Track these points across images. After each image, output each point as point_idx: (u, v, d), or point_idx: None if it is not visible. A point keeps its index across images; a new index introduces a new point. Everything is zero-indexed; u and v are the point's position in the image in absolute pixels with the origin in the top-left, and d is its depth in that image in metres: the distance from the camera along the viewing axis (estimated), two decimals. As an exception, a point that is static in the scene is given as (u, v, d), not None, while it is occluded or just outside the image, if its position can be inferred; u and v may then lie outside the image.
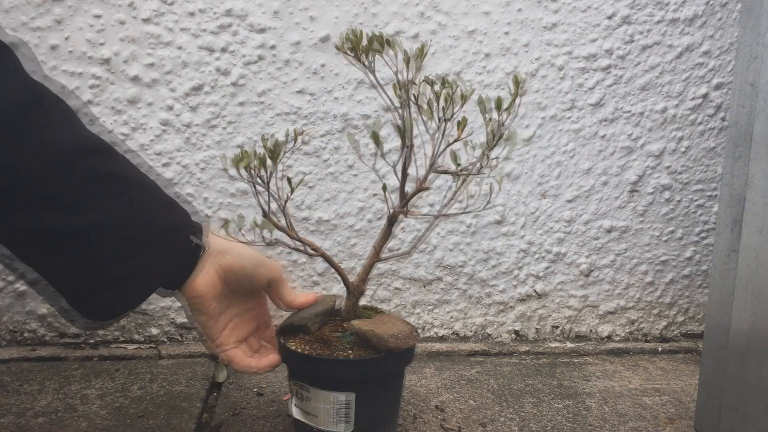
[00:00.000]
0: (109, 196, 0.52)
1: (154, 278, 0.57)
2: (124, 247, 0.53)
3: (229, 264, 0.63)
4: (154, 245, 0.56)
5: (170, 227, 0.58)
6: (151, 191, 0.58)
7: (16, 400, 0.77)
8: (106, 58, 0.87)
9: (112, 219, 0.52)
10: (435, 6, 0.92)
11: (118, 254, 0.53)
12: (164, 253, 0.57)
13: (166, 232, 0.57)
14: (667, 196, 1.02)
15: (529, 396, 0.84)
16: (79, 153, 0.51)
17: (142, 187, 0.56)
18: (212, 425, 0.74)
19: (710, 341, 0.71)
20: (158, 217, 0.57)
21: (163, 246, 0.57)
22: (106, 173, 0.53)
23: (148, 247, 0.55)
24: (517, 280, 1.01)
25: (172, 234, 0.58)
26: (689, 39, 0.97)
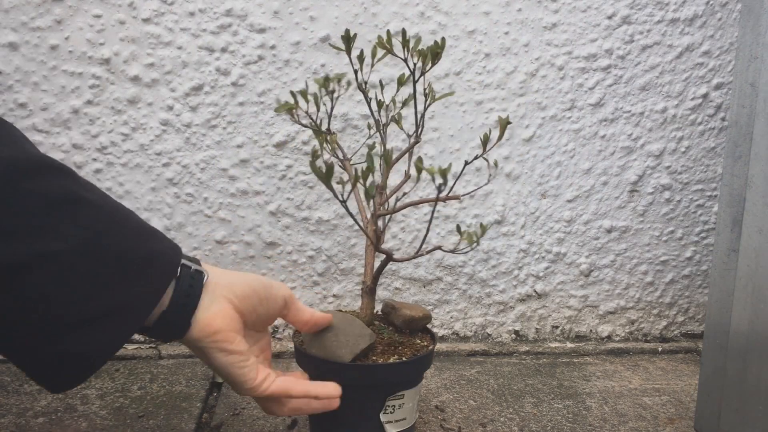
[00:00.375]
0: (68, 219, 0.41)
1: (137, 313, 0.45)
2: (93, 280, 0.42)
3: (241, 292, 0.52)
4: (134, 274, 0.44)
5: (152, 253, 0.46)
6: (123, 215, 0.46)
7: (16, 400, 0.77)
8: (106, 58, 0.87)
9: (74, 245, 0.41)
10: (435, 6, 0.92)
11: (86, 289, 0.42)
12: (148, 282, 0.45)
13: (146, 259, 0.45)
14: (667, 196, 1.02)
15: (529, 396, 0.84)
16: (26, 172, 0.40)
17: (113, 212, 0.45)
18: (212, 425, 0.74)
19: (710, 341, 0.71)
20: (134, 242, 0.45)
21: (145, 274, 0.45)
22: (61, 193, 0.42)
23: (126, 277, 0.43)
24: (517, 280, 1.01)
25: (156, 260, 0.46)
26: (689, 39, 0.97)
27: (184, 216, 0.93)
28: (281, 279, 0.96)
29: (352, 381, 0.63)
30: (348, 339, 0.63)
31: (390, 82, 0.91)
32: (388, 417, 0.65)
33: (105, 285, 0.42)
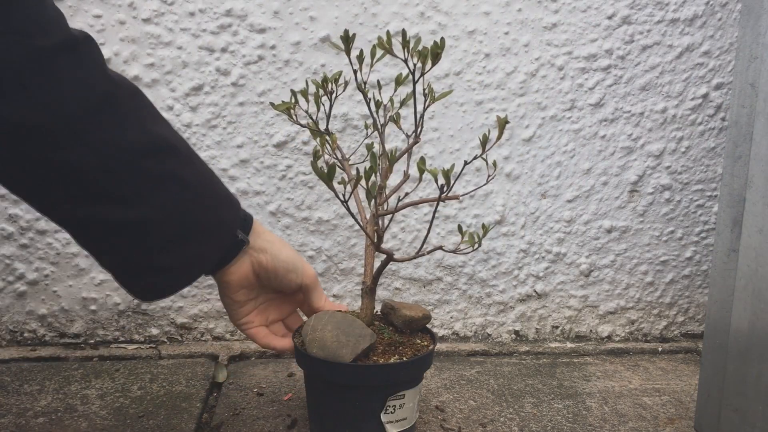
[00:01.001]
0: (164, 193, 0.56)
1: (198, 267, 0.61)
2: (173, 240, 0.57)
3: (264, 263, 0.66)
4: (201, 239, 0.60)
5: (218, 223, 0.61)
6: (207, 189, 0.61)
7: (16, 400, 0.77)
8: (106, 58, 0.87)
9: (165, 214, 0.56)
10: (435, 6, 0.92)
11: (167, 245, 0.57)
12: (209, 246, 0.61)
13: (213, 227, 0.61)
14: (667, 196, 1.02)
15: (529, 396, 0.84)
16: (142, 152, 0.54)
17: (200, 186, 0.59)
18: (212, 425, 0.74)
19: (710, 341, 0.71)
20: (208, 213, 0.60)
21: (208, 240, 0.61)
22: (164, 172, 0.56)
23: (195, 241, 0.59)
24: (517, 280, 1.01)
25: (219, 229, 0.62)
26: (689, 39, 0.97)
27: (184, 216, 0.92)
28: (281, 279, 0.96)
29: (353, 381, 0.63)
30: (349, 339, 0.63)
31: (389, 82, 0.91)
32: (389, 417, 0.65)
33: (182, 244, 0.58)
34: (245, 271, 0.66)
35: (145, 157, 0.54)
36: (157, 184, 0.55)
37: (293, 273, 0.67)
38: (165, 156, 0.56)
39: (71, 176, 0.52)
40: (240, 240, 0.64)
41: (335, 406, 0.66)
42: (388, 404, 0.65)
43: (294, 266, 0.67)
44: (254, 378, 0.86)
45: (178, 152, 0.58)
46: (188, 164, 0.59)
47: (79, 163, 0.51)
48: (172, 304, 0.95)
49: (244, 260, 0.65)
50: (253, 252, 0.66)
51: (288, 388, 0.83)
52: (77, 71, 0.50)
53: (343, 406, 0.65)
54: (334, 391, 0.65)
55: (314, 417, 0.69)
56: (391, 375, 0.64)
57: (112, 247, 0.56)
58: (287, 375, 0.87)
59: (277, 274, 0.67)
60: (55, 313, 0.93)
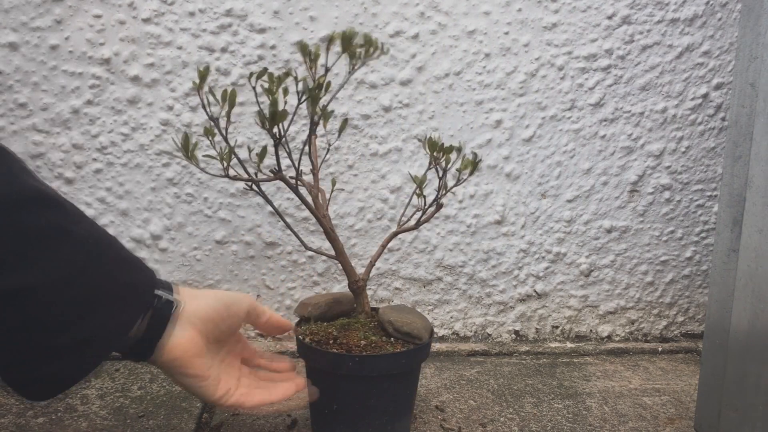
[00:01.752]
0: (51, 252, 0.45)
1: (107, 344, 0.49)
2: (69, 310, 0.46)
3: (204, 314, 0.56)
4: (108, 306, 0.48)
5: (128, 285, 0.50)
6: (108, 248, 0.50)
7: (16, 400, 0.77)
8: (106, 58, 0.87)
9: (55, 278, 0.45)
10: (435, 6, 0.92)
11: (62, 318, 0.45)
12: (121, 313, 0.49)
13: (122, 291, 0.49)
14: (667, 196, 1.02)
15: (529, 396, 0.84)
16: (15, 205, 0.44)
17: (96, 244, 0.48)
18: (212, 425, 0.74)
19: (710, 341, 0.71)
20: (113, 274, 0.49)
21: (119, 306, 0.49)
22: (48, 228, 0.45)
23: (101, 309, 0.48)
24: (517, 280, 1.01)
25: (131, 292, 0.50)
26: (689, 39, 0.97)
27: (184, 216, 0.93)
28: (281, 279, 0.96)
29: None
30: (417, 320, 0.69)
31: (390, 82, 0.91)
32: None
33: (81, 316, 0.46)
34: (191, 337, 0.55)
35: (21, 210, 0.44)
36: (39, 242, 0.44)
37: (234, 305, 0.59)
38: (46, 209, 0.45)
39: None
40: (166, 301, 0.53)
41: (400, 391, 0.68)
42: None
43: (230, 299, 0.59)
44: (254, 378, 0.86)
45: (63, 206, 0.47)
46: (78, 220, 0.48)
47: None
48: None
49: (184, 328, 0.54)
50: (188, 315, 0.55)
51: (288, 388, 0.83)
52: None
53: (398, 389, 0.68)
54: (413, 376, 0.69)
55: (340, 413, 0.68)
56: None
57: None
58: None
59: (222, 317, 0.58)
60: (55, 313, 0.93)
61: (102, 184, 0.90)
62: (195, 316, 0.55)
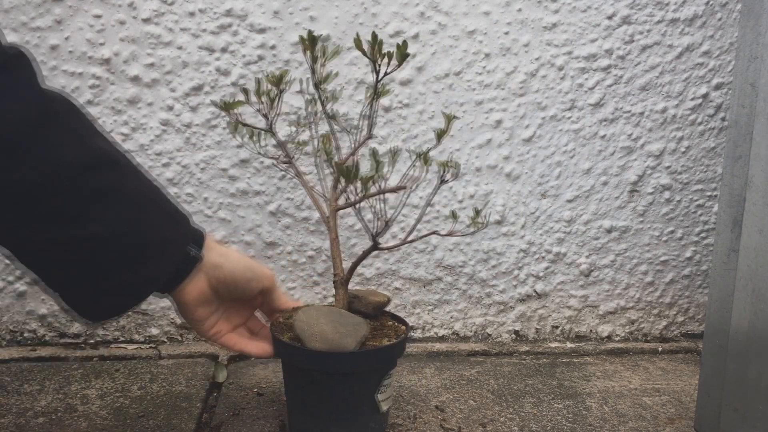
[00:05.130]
0: (110, 209, 0.54)
1: (149, 286, 0.59)
2: (122, 257, 0.56)
3: (222, 277, 0.65)
4: (151, 256, 0.58)
5: (168, 239, 0.60)
6: (153, 204, 0.59)
7: (16, 400, 0.77)
8: (106, 58, 0.87)
9: (112, 231, 0.54)
10: (435, 6, 0.92)
11: (116, 263, 0.56)
12: (160, 263, 0.59)
13: (163, 244, 0.59)
14: (667, 196, 1.02)
15: (529, 396, 0.84)
16: (84, 168, 0.53)
17: (144, 201, 0.58)
18: (212, 425, 0.74)
19: (710, 341, 0.71)
20: (157, 229, 0.58)
21: (159, 257, 0.59)
22: (109, 187, 0.54)
23: (145, 258, 0.57)
24: (517, 280, 1.01)
25: (169, 246, 0.60)
26: (689, 39, 0.97)
27: (184, 216, 0.93)
28: (281, 279, 0.96)
29: (360, 367, 0.66)
30: (348, 329, 0.65)
31: (390, 82, 0.91)
32: (382, 396, 0.68)
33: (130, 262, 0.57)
34: (201, 289, 0.64)
35: (87, 172, 0.53)
36: (101, 201, 0.54)
37: (253, 281, 0.67)
38: (107, 171, 0.55)
39: (12, 196, 0.50)
40: (192, 257, 0.62)
41: (333, 394, 0.67)
42: (382, 384, 0.68)
43: (253, 274, 0.67)
44: (254, 378, 0.86)
45: (119, 166, 0.57)
46: (132, 178, 0.58)
47: (19, 183, 0.50)
48: (172, 304, 0.95)
49: (200, 278, 0.64)
50: (208, 268, 0.64)
51: (288, 388, 0.83)
52: (11, 90, 0.49)
53: (342, 394, 0.67)
54: (334, 380, 0.66)
55: (302, 410, 0.69)
56: (388, 356, 0.67)
57: (60, 267, 0.55)
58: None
59: (237, 286, 0.66)
60: (55, 313, 0.93)
61: (102, 184, 0.90)
62: (213, 274, 0.64)
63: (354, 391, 0.67)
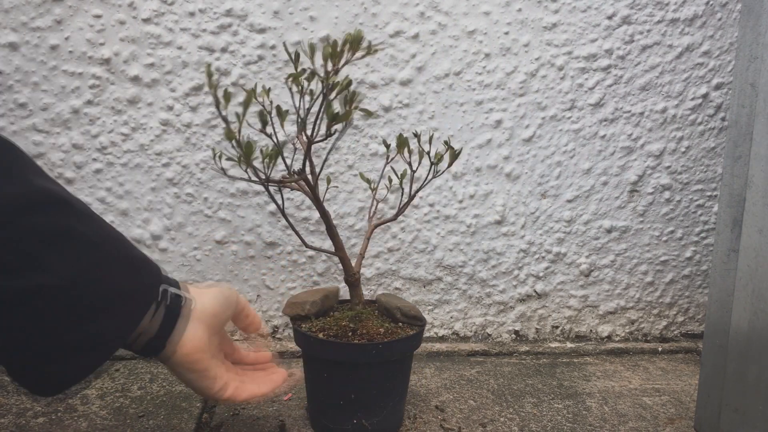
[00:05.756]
0: (60, 254, 0.46)
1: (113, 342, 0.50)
2: (78, 311, 0.47)
3: (212, 310, 0.58)
4: (115, 305, 0.49)
5: (133, 284, 0.51)
6: (114, 247, 0.51)
7: (16, 400, 0.77)
8: (106, 58, 0.87)
9: (63, 280, 0.46)
10: (435, 6, 0.92)
11: (71, 319, 0.47)
12: (128, 312, 0.51)
13: (129, 290, 0.51)
14: (667, 196, 1.02)
15: (529, 396, 0.84)
16: (26, 208, 0.45)
17: (103, 244, 0.49)
18: (212, 425, 0.74)
19: (710, 341, 0.71)
20: (119, 274, 0.50)
21: (126, 305, 0.51)
22: (57, 229, 0.46)
23: (108, 308, 0.49)
24: (517, 280, 1.01)
25: (137, 291, 0.52)
26: (689, 39, 0.97)
27: (184, 216, 0.93)
28: (281, 279, 0.96)
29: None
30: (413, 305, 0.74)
31: (390, 82, 0.91)
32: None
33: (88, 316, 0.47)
34: (199, 334, 0.56)
35: (32, 213, 0.45)
36: (49, 245, 0.45)
37: (230, 297, 0.61)
38: (56, 211, 0.47)
39: None
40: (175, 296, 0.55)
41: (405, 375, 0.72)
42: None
43: (226, 291, 0.61)
44: (254, 378, 0.86)
45: (71, 206, 0.48)
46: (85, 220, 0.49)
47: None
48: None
49: (194, 324, 0.56)
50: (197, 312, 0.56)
51: (288, 388, 0.83)
52: None
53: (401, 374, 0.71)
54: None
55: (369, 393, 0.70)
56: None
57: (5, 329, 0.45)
58: (287, 375, 0.87)
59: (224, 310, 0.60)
60: (55, 313, 0.93)
61: (102, 184, 0.90)
62: (204, 313, 0.57)
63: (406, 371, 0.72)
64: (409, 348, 0.70)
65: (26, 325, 0.45)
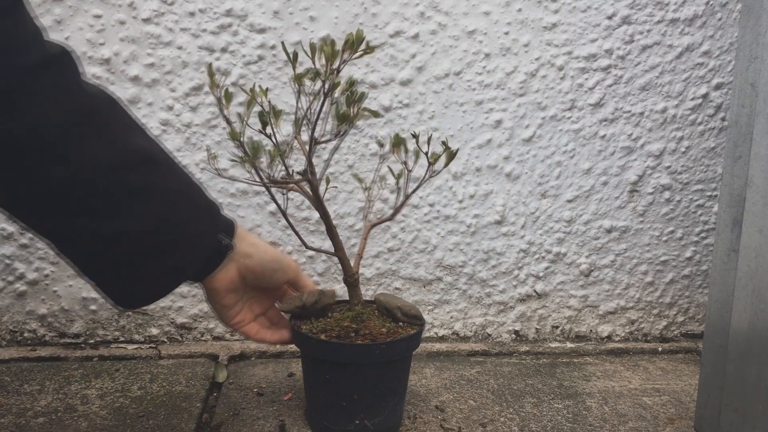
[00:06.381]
0: (144, 206, 0.57)
1: (180, 276, 0.62)
2: (155, 250, 0.59)
3: (251, 267, 0.68)
4: (182, 248, 0.61)
5: (199, 232, 0.63)
6: (185, 199, 0.62)
7: (16, 400, 0.77)
8: (106, 58, 0.87)
9: (145, 226, 0.57)
10: (435, 6, 0.92)
11: (149, 255, 0.59)
12: (191, 255, 0.62)
13: (195, 237, 0.62)
14: (667, 196, 1.02)
15: (529, 396, 0.84)
16: (120, 167, 0.55)
17: (178, 197, 0.60)
18: (212, 425, 0.74)
19: (710, 341, 0.71)
20: (189, 223, 0.61)
21: (190, 249, 0.62)
22: (143, 185, 0.57)
23: (177, 250, 0.60)
24: (517, 280, 1.01)
25: (201, 238, 0.63)
26: (689, 39, 0.97)
27: (184, 216, 0.92)
28: (281, 279, 0.96)
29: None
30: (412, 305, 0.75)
31: (390, 82, 0.91)
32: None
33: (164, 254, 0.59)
34: (232, 277, 0.68)
35: (124, 170, 0.55)
36: (136, 197, 0.56)
37: (280, 272, 0.71)
38: (143, 169, 0.57)
39: (53, 191, 0.53)
40: (224, 246, 0.66)
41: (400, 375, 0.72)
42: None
43: (279, 265, 0.70)
44: (254, 378, 0.86)
45: (156, 164, 0.59)
46: (167, 175, 0.60)
47: (60, 179, 0.52)
48: (172, 304, 0.95)
49: (230, 266, 0.67)
50: (238, 257, 0.67)
51: (288, 388, 0.83)
52: (56, 88, 0.51)
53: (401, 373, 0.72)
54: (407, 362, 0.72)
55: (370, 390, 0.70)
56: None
57: (95, 258, 0.58)
58: (287, 375, 0.87)
59: (264, 275, 0.70)
60: (55, 313, 0.93)
61: (102, 184, 0.90)
62: (242, 263, 0.68)
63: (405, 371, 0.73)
64: (410, 347, 0.71)
65: (119, 258, 0.57)
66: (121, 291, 0.60)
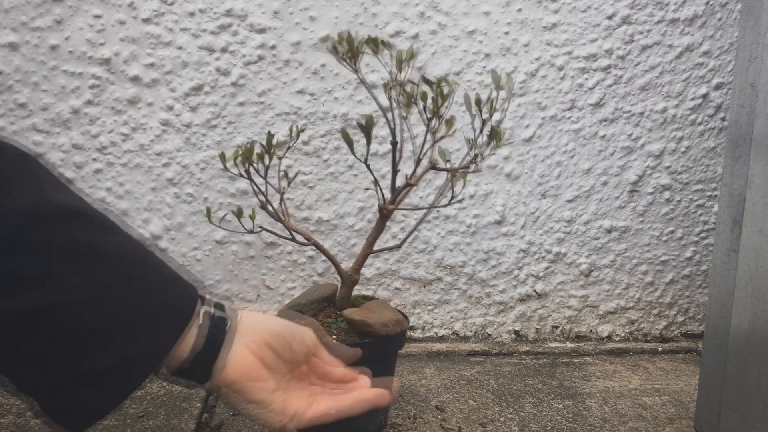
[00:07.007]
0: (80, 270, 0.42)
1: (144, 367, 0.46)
2: (101, 332, 0.43)
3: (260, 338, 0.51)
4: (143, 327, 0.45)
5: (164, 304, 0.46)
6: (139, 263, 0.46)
7: (16, 400, 0.77)
8: (106, 58, 0.87)
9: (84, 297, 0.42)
10: (435, 6, 0.92)
11: (95, 339, 0.42)
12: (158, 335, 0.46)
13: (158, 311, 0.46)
14: (667, 196, 1.02)
15: (529, 396, 0.84)
16: (41, 219, 0.41)
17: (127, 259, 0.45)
18: (212, 425, 0.74)
19: (710, 341, 0.71)
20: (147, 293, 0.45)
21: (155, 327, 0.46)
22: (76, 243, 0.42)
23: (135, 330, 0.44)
24: (517, 280, 1.01)
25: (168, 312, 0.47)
26: (689, 39, 0.97)
27: (184, 216, 0.93)
28: (281, 279, 0.96)
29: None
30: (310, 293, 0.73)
31: (390, 82, 0.91)
32: None
33: (113, 338, 0.43)
34: (245, 361, 0.50)
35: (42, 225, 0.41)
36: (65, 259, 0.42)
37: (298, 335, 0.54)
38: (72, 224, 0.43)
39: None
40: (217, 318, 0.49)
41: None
42: None
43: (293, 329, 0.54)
44: (254, 378, 0.86)
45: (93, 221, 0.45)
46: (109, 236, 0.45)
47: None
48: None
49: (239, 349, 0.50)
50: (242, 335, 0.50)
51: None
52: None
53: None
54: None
55: None
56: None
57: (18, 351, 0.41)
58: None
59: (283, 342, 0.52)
60: (55, 313, 0.93)
61: (102, 184, 0.90)
62: (251, 339, 0.50)
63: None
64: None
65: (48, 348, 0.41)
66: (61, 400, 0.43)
